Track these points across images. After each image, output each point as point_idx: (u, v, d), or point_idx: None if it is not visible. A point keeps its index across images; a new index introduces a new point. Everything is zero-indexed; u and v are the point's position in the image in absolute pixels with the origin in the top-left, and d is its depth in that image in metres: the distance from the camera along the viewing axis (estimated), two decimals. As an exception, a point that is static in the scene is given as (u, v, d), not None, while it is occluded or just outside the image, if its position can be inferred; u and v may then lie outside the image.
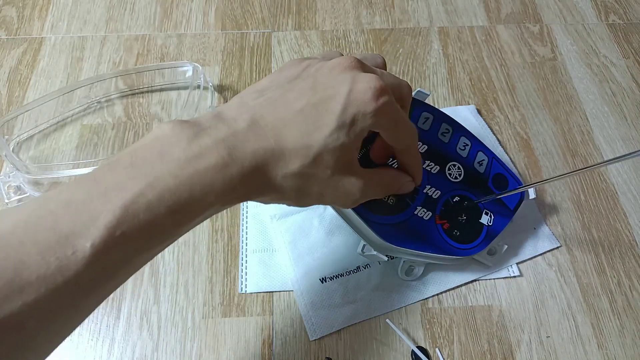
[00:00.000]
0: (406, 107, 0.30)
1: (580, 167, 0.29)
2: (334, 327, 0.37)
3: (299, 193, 0.27)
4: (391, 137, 0.29)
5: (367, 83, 0.26)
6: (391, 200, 0.35)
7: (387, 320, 0.37)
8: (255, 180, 0.25)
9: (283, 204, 0.28)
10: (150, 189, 0.22)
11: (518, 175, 0.42)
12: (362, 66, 0.27)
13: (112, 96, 0.48)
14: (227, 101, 0.49)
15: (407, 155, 0.31)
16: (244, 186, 0.24)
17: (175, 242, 0.40)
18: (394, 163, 0.34)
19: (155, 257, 0.39)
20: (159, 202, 0.22)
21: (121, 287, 0.38)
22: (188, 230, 0.24)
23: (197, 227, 0.41)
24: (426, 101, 0.39)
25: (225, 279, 0.39)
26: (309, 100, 0.26)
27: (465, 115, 0.47)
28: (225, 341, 0.36)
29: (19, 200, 0.41)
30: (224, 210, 0.42)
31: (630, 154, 0.26)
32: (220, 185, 0.23)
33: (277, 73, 0.29)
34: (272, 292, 0.38)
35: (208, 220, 0.41)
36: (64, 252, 0.20)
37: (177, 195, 0.22)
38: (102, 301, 0.23)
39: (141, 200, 0.21)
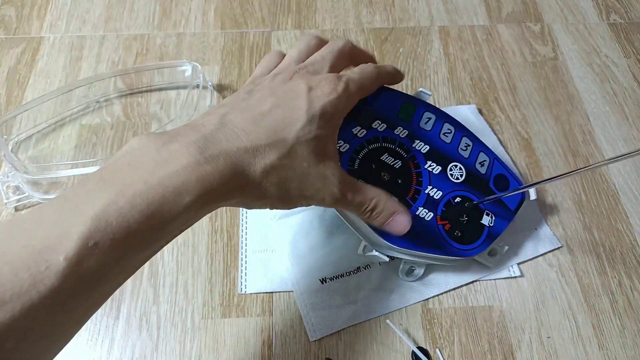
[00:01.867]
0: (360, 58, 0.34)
1: (581, 167, 0.29)
2: (334, 327, 0.36)
3: (279, 189, 0.27)
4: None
5: (321, 80, 0.28)
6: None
7: (388, 320, 0.37)
8: (234, 178, 0.25)
9: (266, 207, 0.28)
10: (121, 196, 0.21)
11: (519, 176, 0.42)
12: (309, 72, 0.30)
13: (111, 96, 0.48)
14: (226, 101, 0.49)
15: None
16: (222, 185, 0.24)
17: (174, 242, 0.40)
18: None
19: (154, 257, 0.39)
20: (131, 208, 0.21)
21: (120, 287, 0.38)
22: (169, 238, 0.24)
23: (197, 227, 0.41)
24: (428, 101, 0.39)
25: (225, 280, 0.39)
26: (274, 102, 0.27)
27: (466, 115, 0.47)
28: (225, 342, 0.36)
29: (18, 201, 0.41)
30: (224, 211, 0.42)
31: (631, 152, 0.26)
32: (195, 184, 0.23)
33: (235, 93, 0.30)
34: (272, 292, 0.38)
35: (207, 220, 0.41)
36: (37, 268, 0.19)
37: (149, 198, 0.22)
38: (85, 318, 0.22)
39: (112, 209, 0.21)
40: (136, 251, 0.22)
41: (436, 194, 0.36)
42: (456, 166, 0.37)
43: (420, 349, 0.36)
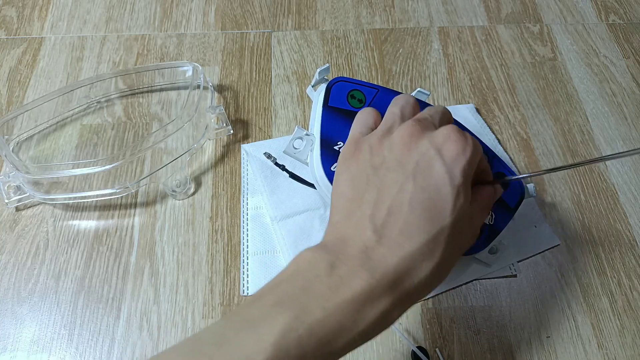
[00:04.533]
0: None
1: (579, 161, 0.29)
2: (334, 327, 0.36)
3: (449, 263, 0.26)
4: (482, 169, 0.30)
5: (447, 139, 0.26)
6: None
7: (388, 320, 0.37)
8: (408, 289, 0.24)
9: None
10: (299, 323, 0.22)
11: (518, 175, 0.42)
12: (424, 126, 0.28)
13: (112, 96, 0.48)
14: (226, 102, 0.49)
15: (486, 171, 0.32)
16: (400, 304, 0.24)
17: (175, 241, 0.40)
18: None
19: (155, 257, 0.40)
20: (309, 335, 0.21)
21: (121, 286, 0.38)
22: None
23: (197, 227, 0.41)
24: (426, 101, 0.39)
25: (225, 279, 0.39)
26: (412, 183, 0.25)
27: (464, 114, 0.47)
28: (225, 341, 0.36)
29: (19, 201, 0.41)
30: (224, 210, 0.42)
31: (630, 151, 0.26)
32: (370, 310, 0.23)
33: (354, 161, 0.29)
34: (272, 292, 0.38)
35: (208, 220, 0.41)
36: None
37: (326, 327, 0.22)
38: None
39: (291, 336, 0.21)
40: None
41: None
42: (455, 166, 0.37)
43: (420, 348, 0.36)
